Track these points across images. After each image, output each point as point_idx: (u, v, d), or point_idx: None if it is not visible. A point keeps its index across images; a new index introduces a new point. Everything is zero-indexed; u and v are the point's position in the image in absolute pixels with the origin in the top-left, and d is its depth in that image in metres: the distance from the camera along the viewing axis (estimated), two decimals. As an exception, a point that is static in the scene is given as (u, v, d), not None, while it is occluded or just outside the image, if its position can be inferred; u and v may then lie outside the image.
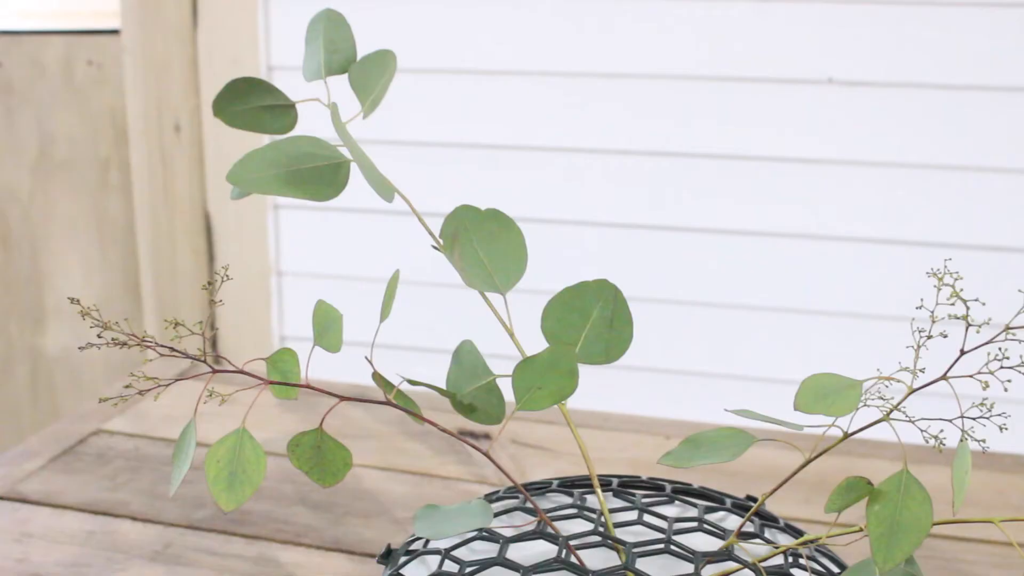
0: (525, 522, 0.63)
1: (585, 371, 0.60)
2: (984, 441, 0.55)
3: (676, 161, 1.76)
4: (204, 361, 0.59)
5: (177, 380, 0.59)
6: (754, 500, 0.71)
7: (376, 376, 0.60)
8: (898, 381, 0.55)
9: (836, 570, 0.63)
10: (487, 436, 1.09)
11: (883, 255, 1.72)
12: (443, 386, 0.61)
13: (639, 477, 0.71)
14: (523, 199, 1.82)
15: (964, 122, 1.65)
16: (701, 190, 1.76)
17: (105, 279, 2.17)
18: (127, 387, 0.59)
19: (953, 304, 0.53)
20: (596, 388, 1.42)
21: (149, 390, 0.59)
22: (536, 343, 0.61)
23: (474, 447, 0.59)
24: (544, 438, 1.09)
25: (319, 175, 0.62)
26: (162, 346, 0.59)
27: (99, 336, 0.58)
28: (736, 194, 1.75)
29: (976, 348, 0.53)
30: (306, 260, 1.98)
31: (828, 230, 1.73)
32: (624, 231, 1.80)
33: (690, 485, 0.71)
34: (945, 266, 0.54)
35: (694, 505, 0.69)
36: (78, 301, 0.60)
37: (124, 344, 0.58)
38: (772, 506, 0.93)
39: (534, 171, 1.81)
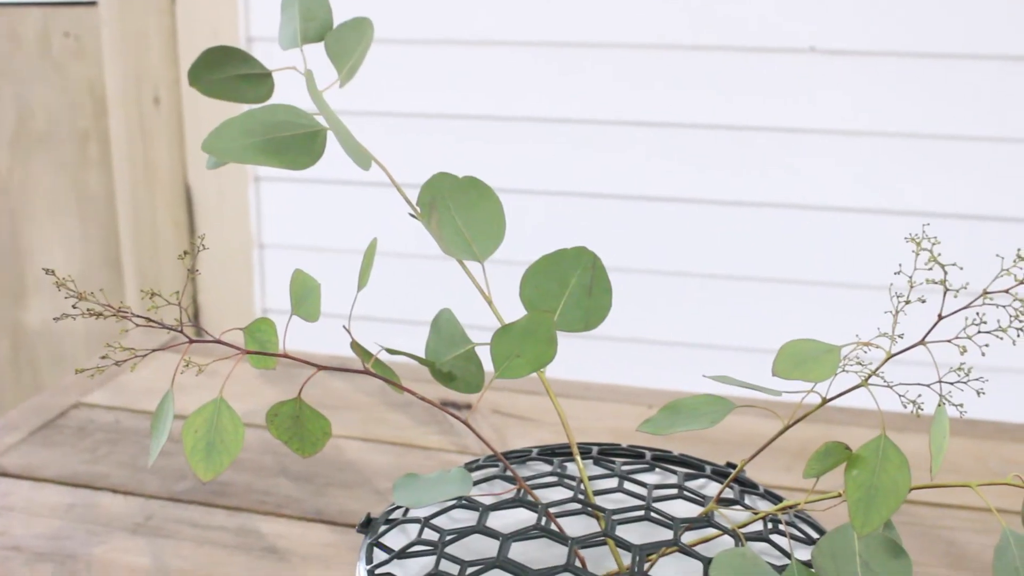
0: (505, 490, 0.63)
1: (565, 341, 0.60)
2: (962, 406, 0.55)
3: (655, 131, 1.75)
4: (181, 331, 0.58)
5: (153, 351, 0.59)
6: (734, 467, 0.71)
7: (354, 345, 0.60)
8: (877, 347, 0.55)
9: (815, 536, 0.63)
10: (469, 407, 1.09)
11: (863, 224, 1.72)
12: (422, 355, 0.61)
13: (619, 445, 0.71)
14: (502, 170, 1.81)
15: (945, 91, 1.65)
16: (681, 159, 1.76)
17: (86, 253, 2.15)
18: (103, 358, 0.58)
19: (931, 269, 0.53)
20: (576, 359, 1.42)
21: (125, 360, 0.59)
22: (516, 314, 0.61)
23: (454, 415, 0.59)
24: (525, 408, 1.09)
25: (295, 144, 0.62)
26: (138, 316, 0.59)
27: (74, 307, 0.58)
28: (716, 163, 1.75)
29: (954, 313, 0.53)
30: (288, 232, 1.97)
31: (808, 199, 1.73)
32: (604, 201, 1.80)
33: (670, 453, 0.71)
34: (923, 231, 0.54)
35: (674, 472, 0.69)
36: (53, 272, 0.59)
37: (100, 315, 0.58)
38: (753, 475, 0.93)
39: (513, 142, 1.81)
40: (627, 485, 0.68)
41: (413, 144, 1.83)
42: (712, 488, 0.68)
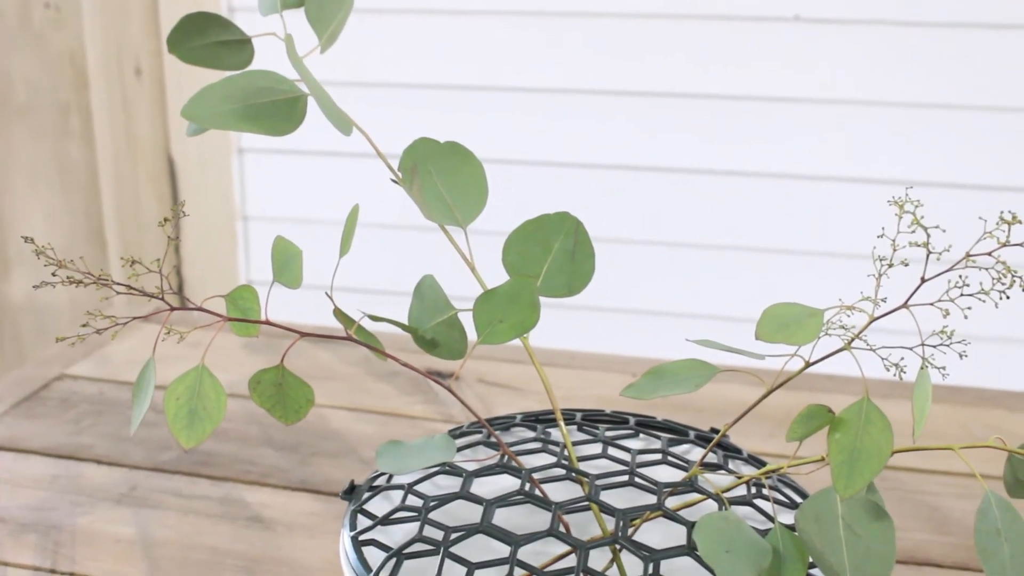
0: (489, 456, 0.63)
1: (549, 312, 0.60)
2: (944, 369, 0.55)
3: (639, 100, 1.75)
4: (162, 299, 0.58)
5: (134, 319, 0.58)
6: (718, 432, 0.71)
7: (337, 312, 0.60)
8: (860, 311, 0.55)
9: (799, 500, 0.63)
10: (455, 377, 1.09)
11: (848, 193, 1.72)
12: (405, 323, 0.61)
13: (603, 411, 0.71)
14: (485, 140, 1.81)
15: (930, 60, 1.65)
16: (664, 129, 1.75)
17: (69, 226, 2.14)
18: (84, 326, 0.58)
19: (914, 232, 0.53)
20: (561, 329, 1.42)
21: (106, 329, 0.58)
22: (499, 283, 0.61)
23: (437, 381, 0.59)
24: (510, 377, 1.09)
25: (276, 109, 0.61)
26: (119, 284, 0.58)
27: (54, 275, 0.58)
28: (700, 133, 1.74)
29: (937, 276, 0.53)
30: (273, 204, 1.96)
31: (793, 169, 1.73)
32: (588, 171, 1.80)
33: (654, 419, 0.71)
34: (906, 194, 0.54)
35: (658, 438, 0.69)
36: (32, 240, 0.59)
37: (80, 283, 0.58)
38: (737, 442, 0.93)
39: (495, 112, 1.80)
40: (611, 451, 0.68)
41: (395, 115, 1.82)
42: (696, 453, 0.68)
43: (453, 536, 0.55)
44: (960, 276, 0.53)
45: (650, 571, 0.52)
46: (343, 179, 1.88)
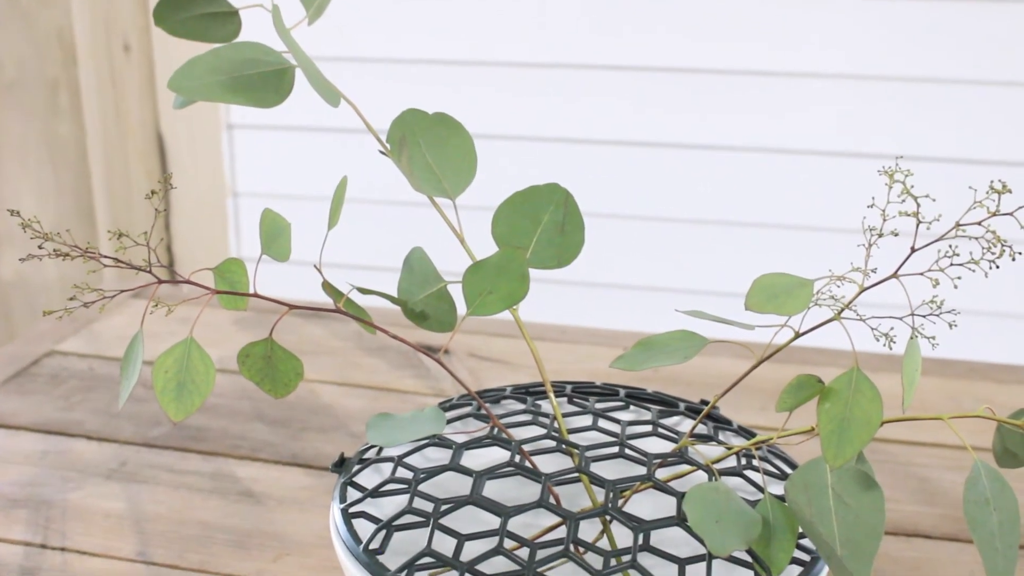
0: (478, 428, 0.62)
1: (540, 288, 0.59)
2: (934, 339, 0.55)
3: (628, 75, 1.74)
4: (150, 271, 0.58)
5: (122, 292, 0.58)
6: (708, 404, 0.71)
7: (326, 285, 0.60)
8: (850, 281, 0.55)
9: (789, 471, 0.63)
10: (446, 352, 1.09)
11: (839, 168, 1.72)
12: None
13: (593, 383, 0.71)
14: (474, 115, 1.80)
15: (919, 33, 1.65)
16: (654, 104, 1.75)
17: (59, 204, 2.13)
18: (71, 299, 0.58)
19: (904, 202, 0.53)
20: (552, 305, 1.42)
21: (94, 302, 0.58)
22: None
23: (426, 354, 0.59)
24: (502, 351, 1.09)
25: (263, 81, 0.61)
26: (106, 257, 0.58)
27: (40, 247, 0.57)
28: (690, 108, 1.74)
29: (927, 245, 0.53)
30: (263, 181, 1.96)
31: (784, 143, 1.73)
32: (578, 146, 1.79)
33: (644, 390, 0.71)
34: (897, 164, 0.54)
35: (648, 410, 0.69)
36: (18, 213, 0.59)
37: (67, 255, 0.57)
38: (728, 415, 0.93)
39: (484, 87, 1.80)
40: (601, 423, 0.68)
41: (383, 89, 1.81)
42: (687, 426, 0.68)
43: (443, 508, 0.55)
44: (950, 246, 0.53)
45: (640, 542, 0.52)
46: (334, 155, 1.88)
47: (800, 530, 0.56)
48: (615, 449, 0.61)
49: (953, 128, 1.67)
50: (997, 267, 0.53)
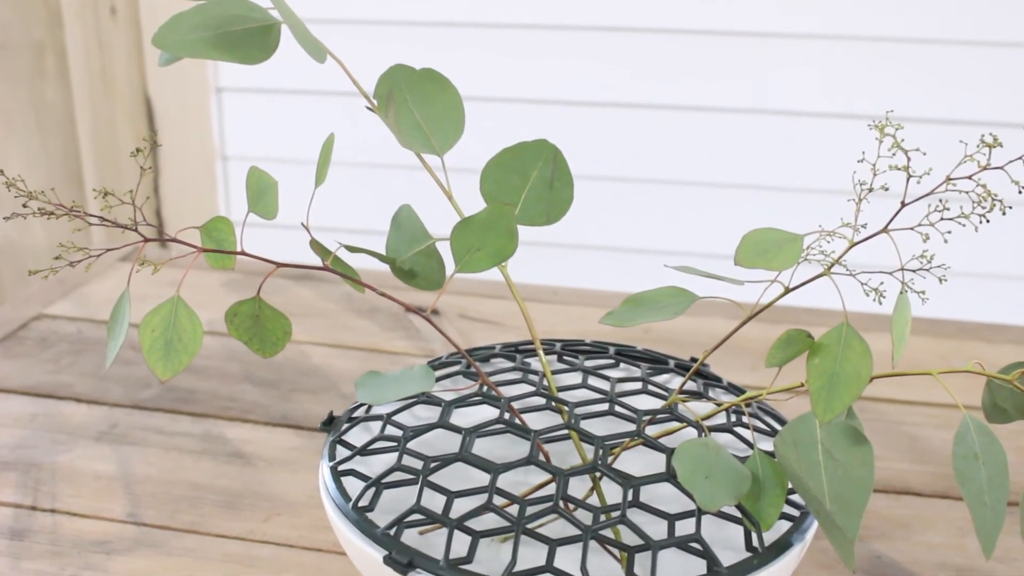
0: (468, 386, 0.62)
1: (531, 250, 0.59)
2: (924, 293, 0.55)
3: (615, 36, 1.73)
4: (135, 230, 0.57)
5: (108, 251, 0.58)
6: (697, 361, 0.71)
7: (313, 243, 0.59)
8: (840, 236, 0.55)
9: (778, 427, 0.63)
10: (436, 312, 1.09)
11: (824, 129, 1.72)
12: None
13: (583, 341, 0.71)
14: (462, 77, 1.79)
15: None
16: (641, 65, 1.74)
17: (47, 169, 2.12)
18: (57, 259, 0.57)
19: (894, 155, 0.53)
20: (542, 267, 1.42)
21: (80, 262, 0.58)
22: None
23: (416, 311, 0.59)
24: (492, 312, 1.09)
25: (248, 37, 0.60)
26: (91, 215, 0.58)
27: (24, 206, 0.57)
28: (679, 69, 1.73)
29: (917, 200, 0.53)
30: (252, 144, 1.94)
31: (772, 104, 1.72)
32: (567, 108, 1.78)
33: (634, 347, 0.71)
34: (887, 118, 0.53)
35: (638, 367, 0.68)
36: (2, 172, 0.58)
37: (51, 214, 0.57)
38: (719, 374, 0.93)
39: (474, 48, 1.78)
40: (591, 380, 0.68)
41: (371, 50, 1.80)
42: (676, 383, 0.68)
43: (432, 465, 0.55)
44: (940, 200, 0.53)
45: (630, 498, 0.52)
46: (323, 119, 1.87)
47: (790, 485, 0.56)
48: (605, 406, 0.61)
49: (939, 88, 1.66)
50: (987, 221, 0.52)
